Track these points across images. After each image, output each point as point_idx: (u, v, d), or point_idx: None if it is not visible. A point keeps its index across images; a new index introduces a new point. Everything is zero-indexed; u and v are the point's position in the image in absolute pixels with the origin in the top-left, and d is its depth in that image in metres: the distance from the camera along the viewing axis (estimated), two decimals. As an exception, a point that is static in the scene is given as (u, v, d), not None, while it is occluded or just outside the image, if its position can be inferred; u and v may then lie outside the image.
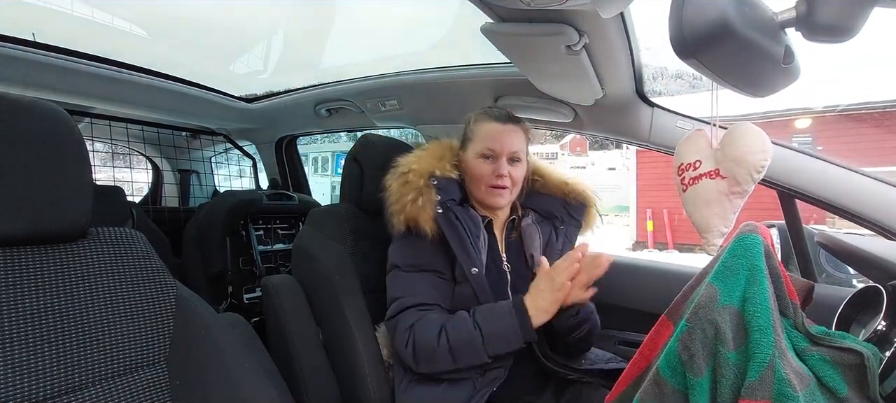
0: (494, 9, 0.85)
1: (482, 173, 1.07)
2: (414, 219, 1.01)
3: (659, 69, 1.26)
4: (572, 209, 1.18)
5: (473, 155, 1.09)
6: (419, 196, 1.02)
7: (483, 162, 1.07)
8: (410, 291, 1.01)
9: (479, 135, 1.09)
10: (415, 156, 1.09)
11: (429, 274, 1.03)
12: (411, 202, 1.01)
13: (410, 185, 1.03)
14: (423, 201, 1.01)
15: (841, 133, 7.15)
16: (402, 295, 1.01)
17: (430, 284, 1.02)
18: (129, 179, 2.54)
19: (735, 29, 0.49)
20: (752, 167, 0.80)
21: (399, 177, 1.06)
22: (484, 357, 0.92)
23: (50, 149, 0.62)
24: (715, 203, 0.84)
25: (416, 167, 1.06)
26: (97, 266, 0.68)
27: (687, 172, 0.89)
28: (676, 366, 0.63)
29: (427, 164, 1.07)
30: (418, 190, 1.02)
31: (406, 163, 1.07)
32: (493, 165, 1.06)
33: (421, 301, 1.00)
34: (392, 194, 1.05)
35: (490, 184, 1.06)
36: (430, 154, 1.10)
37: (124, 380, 0.66)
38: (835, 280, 1.22)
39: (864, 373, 0.57)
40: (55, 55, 1.43)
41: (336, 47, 1.99)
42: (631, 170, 9.22)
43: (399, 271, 1.05)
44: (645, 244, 8.54)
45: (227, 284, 1.98)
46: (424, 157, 1.09)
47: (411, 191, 1.02)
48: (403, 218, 1.02)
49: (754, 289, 0.61)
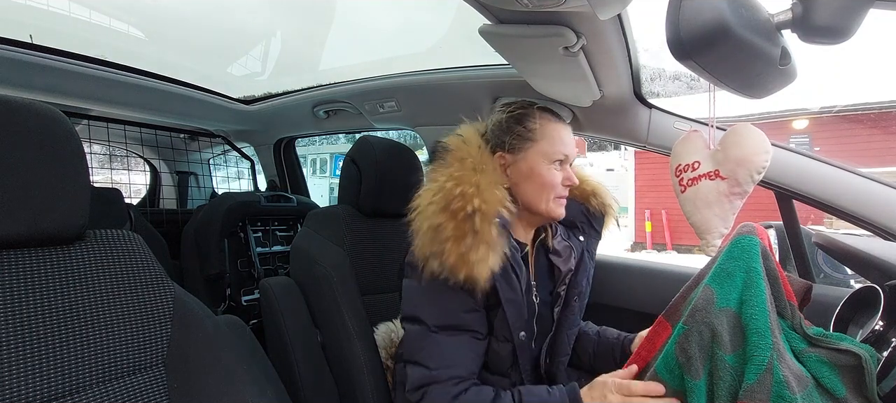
0: (492, 10, 0.86)
1: (554, 181, 0.90)
2: (473, 278, 0.79)
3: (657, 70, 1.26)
4: (594, 219, 1.06)
5: (544, 160, 0.90)
6: (489, 250, 0.79)
7: (554, 168, 0.91)
8: (443, 361, 0.83)
9: (551, 137, 0.91)
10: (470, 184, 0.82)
11: (465, 335, 0.85)
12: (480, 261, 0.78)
13: (480, 237, 0.79)
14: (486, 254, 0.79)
15: (838, 134, 7.17)
16: (433, 367, 0.82)
17: (468, 349, 0.85)
18: (126, 181, 2.54)
19: (731, 30, 0.49)
20: (754, 168, 0.80)
21: (458, 218, 0.80)
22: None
23: (47, 151, 0.62)
24: (715, 204, 0.85)
25: (483, 206, 0.81)
26: (95, 268, 0.68)
27: (685, 173, 0.89)
28: (674, 368, 0.63)
29: (492, 198, 0.83)
30: (488, 242, 0.80)
31: (463, 196, 0.81)
32: (564, 172, 0.92)
33: (456, 374, 0.82)
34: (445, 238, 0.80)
35: (559, 193, 0.91)
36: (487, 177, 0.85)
37: (122, 383, 0.66)
38: (832, 280, 1.22)
39: (861, 374, 0.57)
40: (52, 57, 1.43)
41: (334, 49, 2.00)
42: (629, 171, 9.24)
43: (426, 331, 0.84)
44: (643, 245, 8.55)
45: (225, 286, 1.98)
46: (484, 185, 0.83)
47: (481, 244, 0.79)
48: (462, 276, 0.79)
49: (751, 292, 0.61)
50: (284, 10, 1.93)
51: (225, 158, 2.86)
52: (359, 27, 1.98)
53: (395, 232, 1.30)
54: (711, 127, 0.89)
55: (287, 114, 2.08)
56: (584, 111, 1.29)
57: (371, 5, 1.87)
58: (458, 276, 0.79)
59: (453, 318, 0.85)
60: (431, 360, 0.83)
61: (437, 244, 0.81)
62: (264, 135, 2.32)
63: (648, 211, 8.55)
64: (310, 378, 1.09)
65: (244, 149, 2.59)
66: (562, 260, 0.98)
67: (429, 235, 0.82)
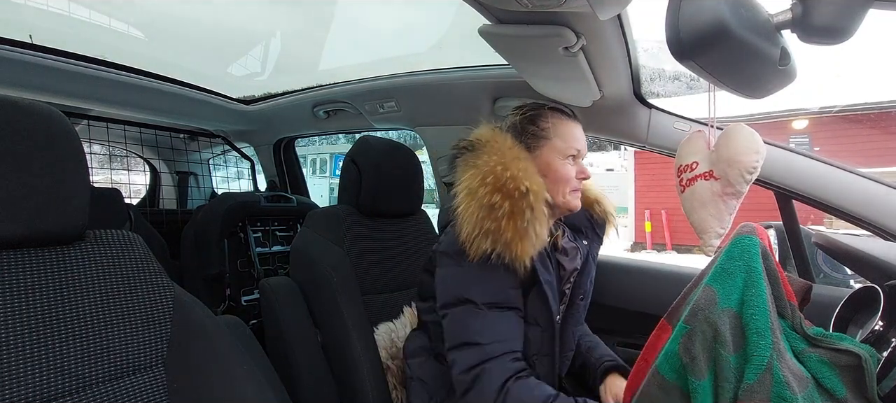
0: (492, 11, 0.86)
1: (569, 175, 0.95)
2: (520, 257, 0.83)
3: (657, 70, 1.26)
4: (597, 225, 1.11)
5: (559, 156, 0.95)
6: (542, 227, 0.85)
7: (568, 163, 0.95)
8: (497, 336, 0.85)
9: (563, 135, 0.96)
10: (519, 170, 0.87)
11: (513, 312, 0.88)
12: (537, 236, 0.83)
13: (535, 214, 0.84)
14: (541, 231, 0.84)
15: (838, 134, 7.18)
16: (487, 342, 0.84)
17: (517, 325, 0.88)
18: (126, 181, 2.54)
19: (731, 31, 0.49)
20: (744, 168, 0.80)
21: (514, 196, 0.84)
22: None
23: (47, 152, 0.62)
24: (709, 204, 0.85)
25: (533, 186, 0.85)
26: (95, 268, 0.68)
27: (685, 173, 0.89)
28: (678, 368, 0.63)
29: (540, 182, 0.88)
30: (540, 220, 0.85)
31: (514, 178, 0.85)
32: (577, 166, 0.97)
33: (511, 348, 0.85)
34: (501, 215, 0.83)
35: (574, 187, 0.96)
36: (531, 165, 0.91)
37: (122, 383, 0.66)
38: (832, 280, 1.22)
39: (861, 374, 0.57)
40: (52, 57, 1.43)
41: (334, 49, 2.00)
42: (629, 171, 9.24)
43: (474, 309, 0.86)
44: (643, 245, 8.55)
45: (224, 286, 1.98)
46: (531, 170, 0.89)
47: (536, 220, 0.84)
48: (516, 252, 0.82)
49: (752, 292, 0.61)
50: (284, 10, 1.93)
51: (225, 158, 2.86)
52: (359, 27, 1.98)
53: (395, 232, 1.30)
54: (711, 127, 0.89)
55: (287, 114, 2.08)
56: (584, 111, 1.29)
57: (371, 5, 1.87)
58: (514, 251, 0.82)
59: (502, 295, 0.87)
60: (484, 337, 0.84)
61: (492, 221, 0.83)
62: (264, 135, 2.32)
63: (648, 211, 8.55)
64: (310, 379, 1.09)
65: (244, 149, 2.59)
66: (568, 260, 1.00)
67: (482, 214, 0.84)
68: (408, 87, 1.60)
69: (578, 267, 1.01)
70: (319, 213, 1.28)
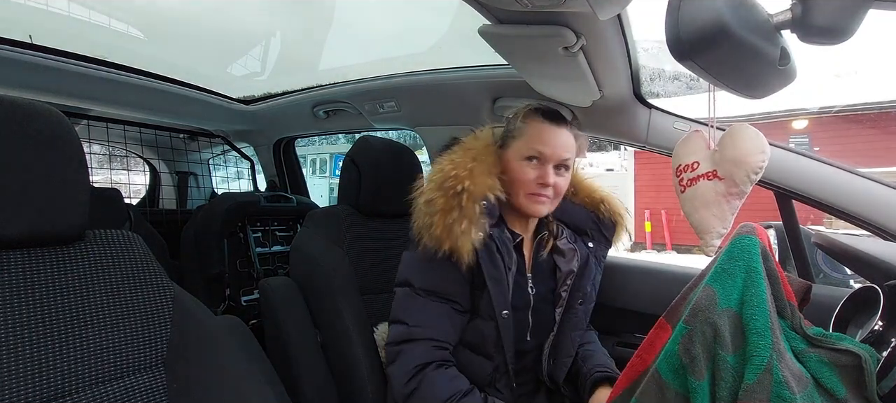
0: (492, 10, 0.86)
1: (525, 178, 0.94)
2: (455, 247, 0.87)
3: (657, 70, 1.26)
4: (604, 226, 1.08)
5: (518, 155, 0.95)
6: (471, 224, 0.88)
7: (527, 165, 0.94)
8: (423, 321, 0.90)
9: (527, 135, 0.95)
10: (465, 169, 0.92)
11: (446, 304, 0.92)
12: (463, 233, 0.87)
13: (464, 212, 0.88)
14: (467, 227, 0.88)
15: (838, 134, 7.18)
16: (412, 324, 0.90)
17: (447, 317, 0.92)
18: (126, 181, 2.54)
19: (731, 31, 0.49)
20: (751, 169, 0.80)
21: (448, 194, 0.89)
22: None
23: (47, 152, 0.62)
24: (713, 204, 0.85)
25: (471, 187, 0.89)
26: (94, 268, 0.68)
27: (685, 173, 0.89)
28: (678, 369, 0.63)
29: (482, 182, 0.91)
30: (471, 218, 0.88)
31: (456, 178, 0.90)
32: (538, 170, 0.93)
33: (434, 336, 0.89)
34: (434, 211, 0.89)
35: (531, 191, 0.94)
36: (482, 165, 0.94)
37: (121, 383, 0.66)
38: (832, 280, 1.22)
39: (861, 374, 0.57)
40: (52, 57, 1.43)
41: (334, 49, 2.00)
42: (629, 171, 9.24)
43: (412, 292, 0.93)
44: (643, 245, 8.55)
45: (224, 286, 1.98)
46: (477, 171, 0.92)
47: (464, 218, 0.87)
48: (448, 247, 0.88)
49: (752, 292, 0.61)
50: (284, 10, 1.93)
51: (224, 158, 2.86)
52: (359, 27, 1.98)
53: (395, 232, 1.30)
54: (711, 127, 0.89)
55: (287, 114, 2.08)
56: (583, 111, 1.29)
57: (371, 5, 1.87)
58: (444, 247, 0.88)
59: (438, 286, 0.92)
60: (411, 319, 0.91)
61: (428, 216, 0.89)
62: (264, 135, 2.32)
63: (648, 211, 8.55)
64: (309, 379, 1.09)
65: (244, 149, 2.59)
66: (564, 260, 1.01)
67: (423, 209, 0.91)
68: (408, 87, 1.60)
69: (574, 270, 1.00)
70: (319, 213, 1.28)
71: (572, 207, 1.09)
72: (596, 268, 1.05)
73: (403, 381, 0.88)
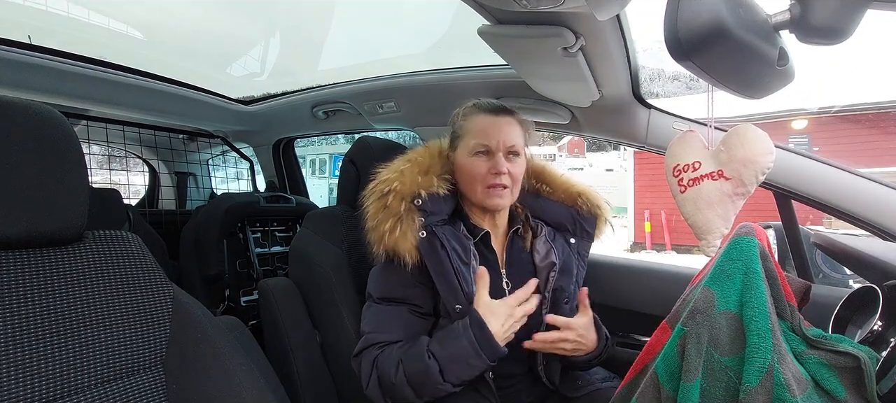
0: (491, 11, 0.86)
1: (477, 172, 0.95)
2: (393, 249, 0.90)
3: (656, 71, 1.26)
4: (584, 220, 1.07)
5: (466, 152, 0.97)
6: (398, 223, 0.90)
7: (478, 159, 0.96)
8: (378, 326, 0.92)
9: (471, 131, 0.98)
10: (396, 172, 0.96)
11: (402, 307, 0.94)
12: (389, 232, 0.90)
13: (390, 211, 0.91)
14: (403, 228, 0.90)
15: (837, 134, 7.19)
16: (368, 330, 0.93)
17: (402, 320, 0.93)
18: (125, 182, 2.54)
19: (729, 31, 0.49)
20: (759, 169, 0.80)
21: (377, 198, 0.93)
22: (447, 386, 0.83)
23: (46, 152, 0.62)
24: (718, 204, 0.84)
25: (399, 187, 0.93)
26: (93, 269, 0.68)
27: (685, 173, 0.88)
28: (675, 372, 0.63)
29: (411, 181, 0.94)
30: (398, 216, 0.91)
31: (386, 181, 0.94)
32: (489, 162, 0.95)
33: (386, 339, 0.91)
34: (369, 218, 0.93)
35: (488, 183, 0.95)
36: (416, 165, 0.98)
37: (121, 384, 0.66)
38: (831, 280, 1.22)
39: (861, 376, 0.57)
40: (51, 58, 1.43)
41: (333, 49, 2.00)
42: (628, 171, 9.25)
43: (371, 302, 0.96)
44: (643, 245, 8.55)
45: (224, 287, 1.98)
46: (408, 171, 0.96)
47: (390, 217, 0.91)
48: (382, 248, 0.91)
49: (751, 293, 0.61)
50: (284, 11, 1.93)
51: (224, 159, 2.86)
52: (358, 27, 1.98)
53: (395, 232, 1.30)
54: (710, 127, 0.89)
55: (286, 114, 2.08)
56: (583, 111, 1.29)
57: (370, 5, 1.87)
58: (379, 249, 0.91)
59: (391, 291, 0.94)
60: (368, 325, 0.94)
61: (372, 232, 0.93)
62: (263, 136, 2.32)
63: (647, 211, 8.56)
64: (308, 379, 1.09)
65: (243, 149, 2.59)
66: (540, 258, 1.00)
67: (368, 225, 0.94)
68: (407, 88, 1.60)
69: (555, 263, 0.98)
70: (318, 214, 1.28)
71: (550, 204, 1.09)
72: (579, 265, 1.04)
73: (366, 383, 0.89)
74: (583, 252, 1.06)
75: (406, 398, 0.85)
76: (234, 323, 0.88)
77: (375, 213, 0.92)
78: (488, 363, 0.82)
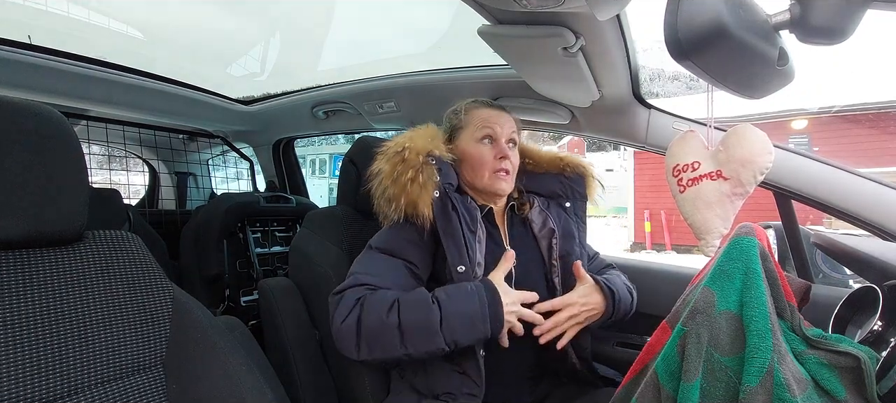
0: (491, 11, 0.86)
1: (485, 158, 1.00)
2: (414, 202, 0.90)
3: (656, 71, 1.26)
4: (573, 182, 1.11)
5: (472, 141, 1.02)
6: (418, 174, 0.91)
7: (483, 146, 1.01)
8: (372, 271, 0.91)
9: (476, 121, 1.03)
10: (405, 136, 0.98)
11: (400, 262, 0.93)
12: (411, 182, 0.90)
13: (408, 163, 0.92)
14: (423, 180, 0.91)
15: (837, 134, 7.18)
16: (360, 272, 0.91)
17: (398, 273, 0.92)
18: (125, 182, 2.54)
19: (729, 31, 0.49)
20: (758, 169, 0.80)
21: (393, 156, 0.94)
22: (440, 341, 0.80)
23: (46, 152, 0.62)
24: (716, 204, 0.84)
25: (411, 145, 0.94)
26: (93, 269, 0.68)
27: (685, 173, 0.88)
28: (675, 372, 0.63)
29: (422, 143, 0.96)
30: (417, 168, 0.91)
31: (398, 142, 0.96)
32: (495, 148, 1.00)
33: (379, 283, 0.89)
34: (385, 177, 0.93)
35: (495, 169, 0.99)
36: (421, 134, 0.99)
37: (121, 384, 0.66)
38: (831, 280, 1.22)
39: (861, 376, 0.57)
40: (51, 57, 1.42)
41: (333, 49, 2.00)
42: (628, 171, 9.25)
43: (369, 249, 0.97)
44: (643, 245, 8.55)
45: (224, 287, 1.98)
46: (416, 137, 0.97)
47: (409, 169, 0.91)
48: (404, 203, 0.90)
49: (751, 293, 0.61)
50: (284, 10, 1.93)
51: (224, 159, 2.86)
52: (358, 27, 1.98)
53: (395, 232, 1.30)
54: (710, 127, 0.89)
55: (286, 114, 2.07)
56: (583, 111, 1.29)
57: (371, 5, 1.87)
58: (401, 203, 0.91)
59: (393, 244, 0.95)
60: (359, 266, 0.93)
61: (393, 186, 0.92)
62: (263, 136, 2.32)
63: (647, 211, 8.56)
64: (308, 379, 1.09)
65: (243, 149, 2.58)
66: (537, 227, 1.05)
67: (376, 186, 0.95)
68: (407, 88, 1.60)
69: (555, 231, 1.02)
70: (318, 214, 1.28)
71: (538, 177, 1.13)
72: (579, 226, 1.08)
73: (341, 320, 0.84)
74: (580, 212, 1.10)
75: (385, 345, 0.82)
76: (234, 322, 0.88)
77: (392, 170, 0.92)
78: (489, 333, 0.83)
